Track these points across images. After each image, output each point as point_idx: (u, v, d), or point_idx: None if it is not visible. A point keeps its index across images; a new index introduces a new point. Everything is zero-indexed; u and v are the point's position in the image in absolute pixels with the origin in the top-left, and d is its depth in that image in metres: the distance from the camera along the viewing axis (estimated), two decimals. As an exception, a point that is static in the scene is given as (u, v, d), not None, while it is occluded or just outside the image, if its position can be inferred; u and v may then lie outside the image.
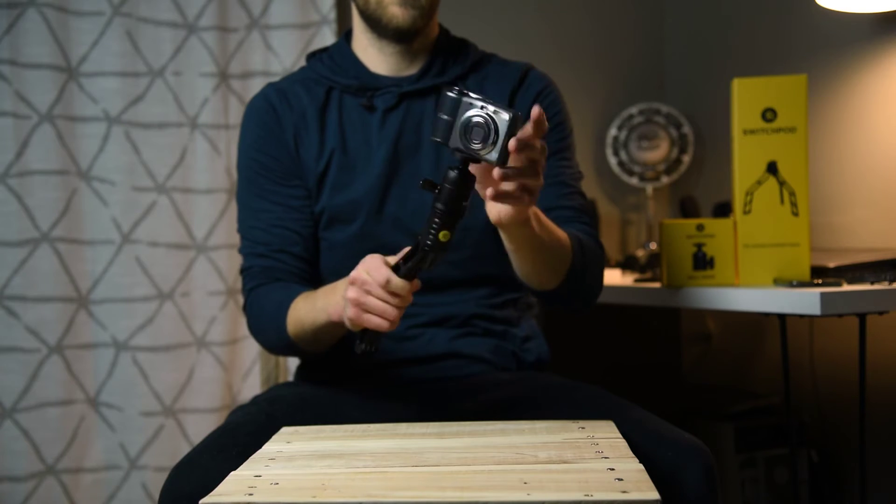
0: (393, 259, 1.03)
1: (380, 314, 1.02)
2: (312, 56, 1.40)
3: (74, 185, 1.95)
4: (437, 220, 0.98)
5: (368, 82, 1.33)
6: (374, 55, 1.34)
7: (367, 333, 1.07)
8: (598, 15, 2.49)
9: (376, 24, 1.30)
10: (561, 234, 1.17)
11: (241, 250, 1.35)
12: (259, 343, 1.35)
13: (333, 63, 1.36)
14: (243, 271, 1.34)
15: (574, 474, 0.81)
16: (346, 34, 1.40)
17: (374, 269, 1.02)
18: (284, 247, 1.31)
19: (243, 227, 1.35)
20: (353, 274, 1.04)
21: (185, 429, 2.00)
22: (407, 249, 1.03)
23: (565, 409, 1.15)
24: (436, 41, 1.36)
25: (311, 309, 1.19)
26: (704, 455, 1.04)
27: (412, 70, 1.34)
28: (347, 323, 1.07)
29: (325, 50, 1.40)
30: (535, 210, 1.07)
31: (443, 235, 0.98)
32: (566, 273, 1.20)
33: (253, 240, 1.33)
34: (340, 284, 1.13)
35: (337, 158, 1.31)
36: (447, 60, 1.35)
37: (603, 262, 1.30)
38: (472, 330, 1.32)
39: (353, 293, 1.03)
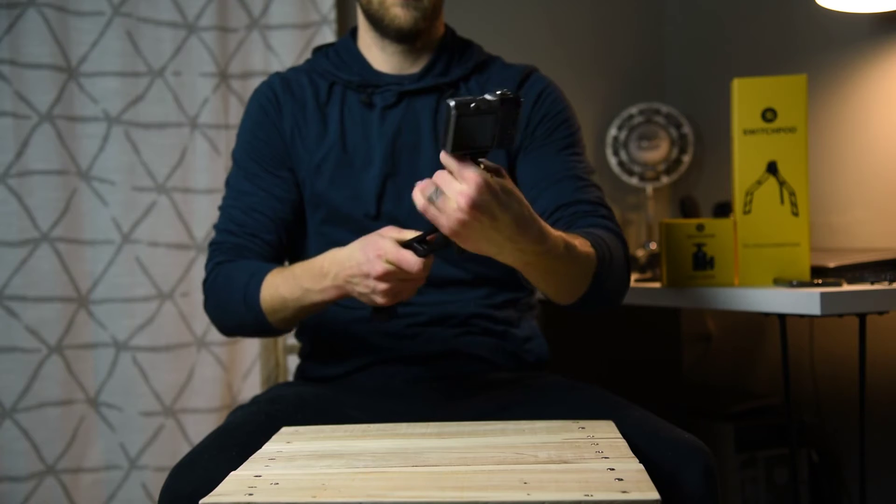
0: (404, 236, 1.05)
1: (410, 292, 1.09)
2: (318, 51, 1.41)
3: (74, 185, 1.95)
4: None
5: (370, 79, 1.33)
6: (377, 53, 1.35)
7: (384, 308, 1.12)
8: (598, 15, 2.49)
9: (378, 24, 1.31)
10: (580, 251, 1.09)
11: (216, 226, 1.36)
12: (214, 319, 1.33)
13: (338, 58, 1.37)
14: (212, 244, 1.34)
15: (574, 474, 0.81)
16: (351, 31, 1.40)
17: (401, 260, 1.03)
18: (257, 232, 1.32)
19: (224, 205, 1.36)
20: (380, 269, 1.04)
21: (185, 429, 2.00)
22: (410, 232, 1.05)
23: (565, 409, 1.15)
24: (441, 41, 1.37)
25: (294, 287, 1.19)
26: (704, 455, 1.04)
27: (415, 69, 1.35)
28: (371, 304, 1.11)
29: (331, 45, 1.41)
30: (542, 240, 1.00)
31: None
32: (584, 291, 1.15)
33: (229, 218, 1.33)
34: (328, 265, 1.14)
35: (336, 153, 1.31)
36: (451, 61, 1.36)
37: (627, 260, 1.23)
38: (472, 329, 1.32)
39: (385, 287, 1.06)
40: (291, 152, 1.33)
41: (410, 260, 1.02)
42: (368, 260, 1.05)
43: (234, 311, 1.28)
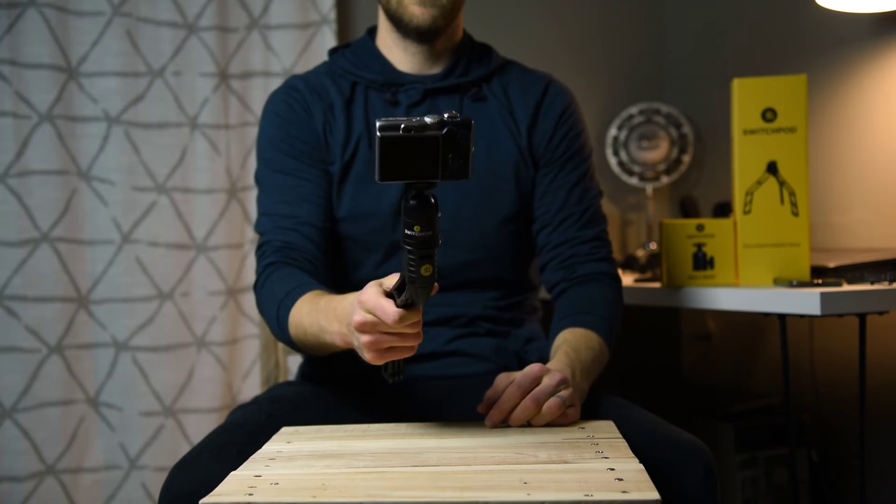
0: (388, 282, 0.94)
1: (400, 345, 0.96)
2: (334, 52, 1.41)
3: (74, 185, 1.95)
4: (411, 257, 0.85)
5: (393, 78, 1.34)
6: (398, 53, 1.36)
7: (390, 364, 1.04)
8: (598, 15, 2.49)
9: (398, 23, 1.32)
10: (598, 353, 1.22)
11: (260, 227, 1.31)
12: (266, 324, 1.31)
13: (357, 59, 1.37)
14: (261, 246, 1.29)
15: (574, 474, 0.81)
16: (369, 31, 1.41)
17: (378, 308, 0.91)
18: (312, 220, 1.28)
19: (266, 205, 1.31)
20: (358, 318, 0.93)
21: (185, 429, 2.00)
22: (397, 276, 0.93)
23: (565, 409, 1.15)
24: (460, 44, 1.38)
25: (313, 322, 1.12)
26: (704, 455, 1.04)
27: (436, 69, 1.36)
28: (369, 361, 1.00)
29: (346, 46, 1.41)
30: (578, 388, 1.12)
31: (424, 270, 0.86)
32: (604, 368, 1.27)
33: (277, 214, 1.29)
34: (341, 308, 1.04)
35: (363, 152, 1.31)
36: (471, 62, 1.37)
37: (622, 299, 1.35)
38: (476, 330, 1.33)
39: (366, 339, 0.94)
40: (326, 148, 1.32)
41: (387, 308, 0.90)
42: (355, 309, 0.95)
43: (272, 325, 1.24)
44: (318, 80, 1.36)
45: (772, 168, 1.43)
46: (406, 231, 0.84)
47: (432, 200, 0.84)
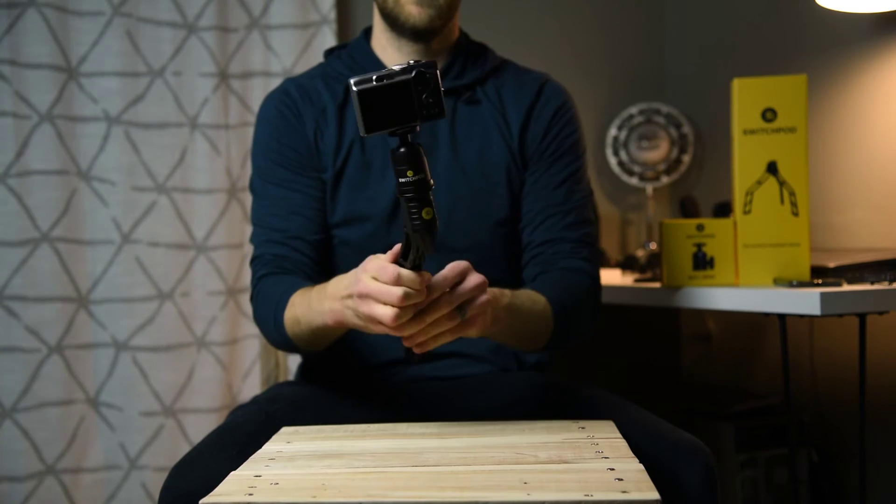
0: (389, 256, 0.97)
1: (411, 321, 0.97)
2: (330, 53, 1.40)
3: (74, 185, 1.95)
4: (411, 204, 0.91)
5: None
6: (393, 54, 1.35)
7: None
8: (598, 15, 2.49)
9: (394, 23, 1.31)
10: (537, 312, 1.19)
11: (253, 239, 1.32)
12: (263, 335, 1.32)
13: (352, 61, 1.36)
14: (254, 260, 1.31)
15: (574, 474, 0.82)
16: (364, 32, 1.40)
17: (381, 270, 0.95)
18: (301, 234, 1.29)
19: (258, 216, 1.32)
20: (365, 285, 0.96)
21: (185, 429, 2.00)
22: (399, 246, 0.97)
23: (565, 408, 1.15)
24: (455, 44, 1.37)
25: (307, 309, 1.14)
26: (704, 455, 1.04)
27: None
28: (368, 330, 1.02)
29: (343, 47, 1.40)
30: (495, 311, 1.08)
31: (426, 213, 0.92)
32: (545, 343, 1.23)
33: (268, 227, 1.30)
34: (332, 286, 1.08)
35: (355, 156, 1.31)
36: (466, 63, 1.36)
37: (596, 303, 1.31)
38: (476, 331, 1.32)
39: (369, 307, 0.97)
40: (317, 156, 1.31)
41: (387, 268, 0.94)
42: (358, 279, 0.98)
43: (268, 330, 1.25)
44: (311, 83, 1.35)
45: (772, 168, 1.43)
46: (400, 179, 0.91)
47: (418, 145, 0.91)
